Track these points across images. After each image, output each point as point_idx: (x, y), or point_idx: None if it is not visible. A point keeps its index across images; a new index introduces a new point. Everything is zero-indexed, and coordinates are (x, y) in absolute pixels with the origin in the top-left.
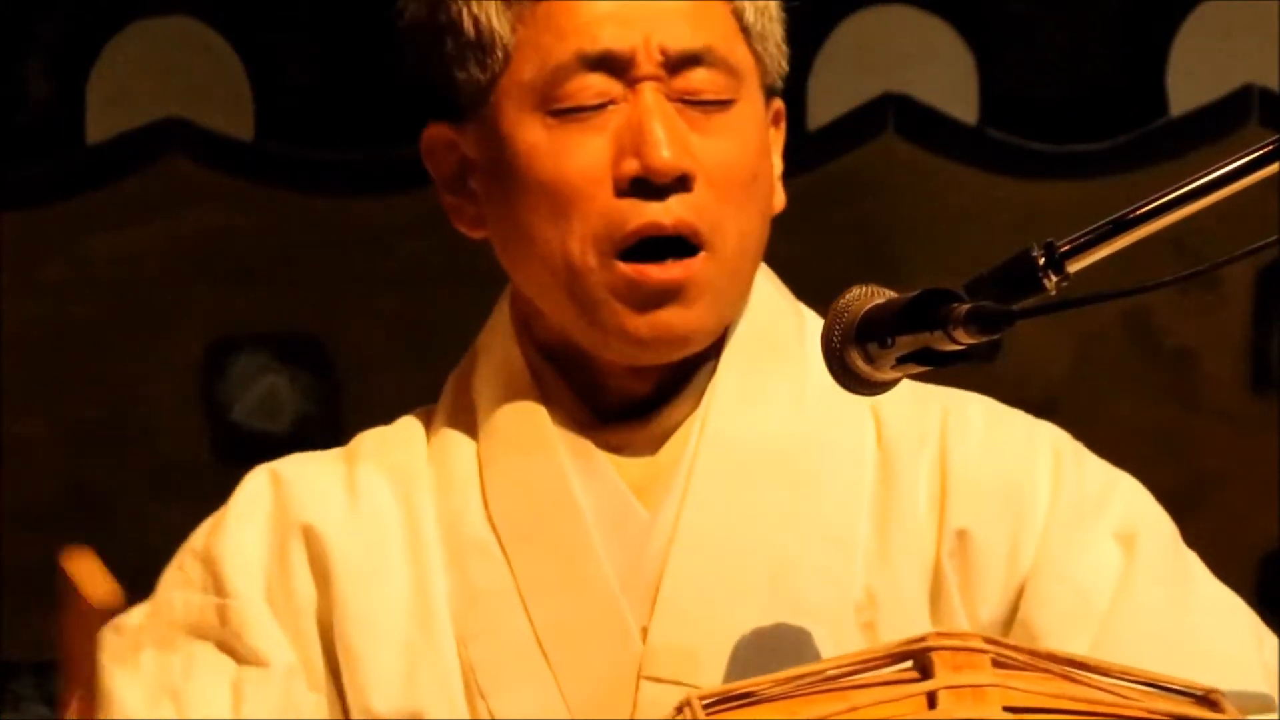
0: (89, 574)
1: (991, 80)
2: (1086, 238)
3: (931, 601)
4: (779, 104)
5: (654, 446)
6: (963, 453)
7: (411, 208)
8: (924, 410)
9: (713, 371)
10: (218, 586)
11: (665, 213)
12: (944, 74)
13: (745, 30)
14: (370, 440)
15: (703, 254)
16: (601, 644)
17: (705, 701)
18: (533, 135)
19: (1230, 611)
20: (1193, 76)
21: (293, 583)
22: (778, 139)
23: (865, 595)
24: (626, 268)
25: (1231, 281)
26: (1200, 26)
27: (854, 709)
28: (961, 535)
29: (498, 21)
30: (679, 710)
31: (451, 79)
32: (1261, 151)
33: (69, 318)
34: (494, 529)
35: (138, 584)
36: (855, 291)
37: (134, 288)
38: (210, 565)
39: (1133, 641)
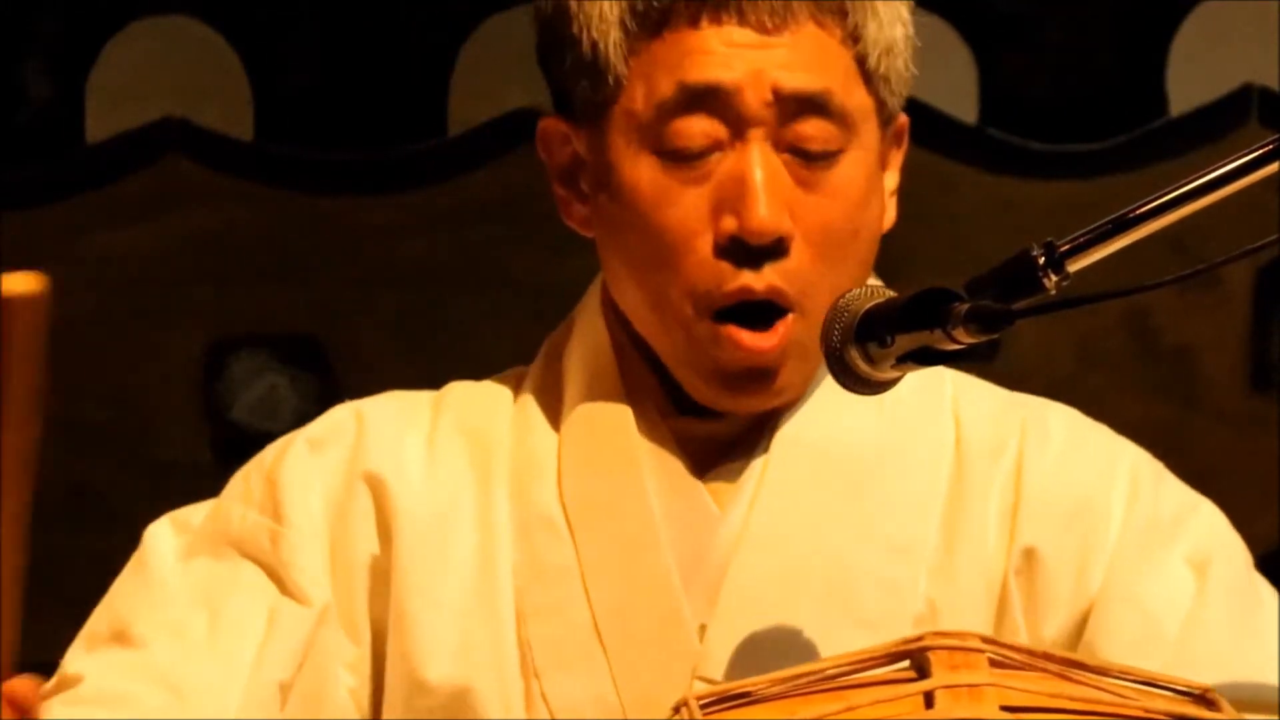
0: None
1: (991, 80)
2: (1086, 237)
3: (996, 618)
4: (903, 121)
5: (730, 443)
6: (1038, 468)
7: (412, 208)
8: (1005, 419)
9: (796, 394)
10: (275, 510)
11: (758, 279)
12: (944, 74)
13: (867, 75)
14: (459, 394)
15: (792, 316)
16: (658, 637)
17: (702, 701)
18: (638, 174)
19: None
20: (1192, 76)
21: (353, 532)
22: (897, 157)
23: (927, 607)
24: (720, 329)
25: (1231, 281)
26: (1200, 26)
27: (851, 708)
28: (1029, 553)
29: (613, 50)
30: (676, 710)
31: (569, 88)
32: (1261, 151)
33: (69, 318)
34: (564, 508)
35: None
36: (855, 291)
37: (134, 288)
38: (272, 488)
39: (1200, 670)
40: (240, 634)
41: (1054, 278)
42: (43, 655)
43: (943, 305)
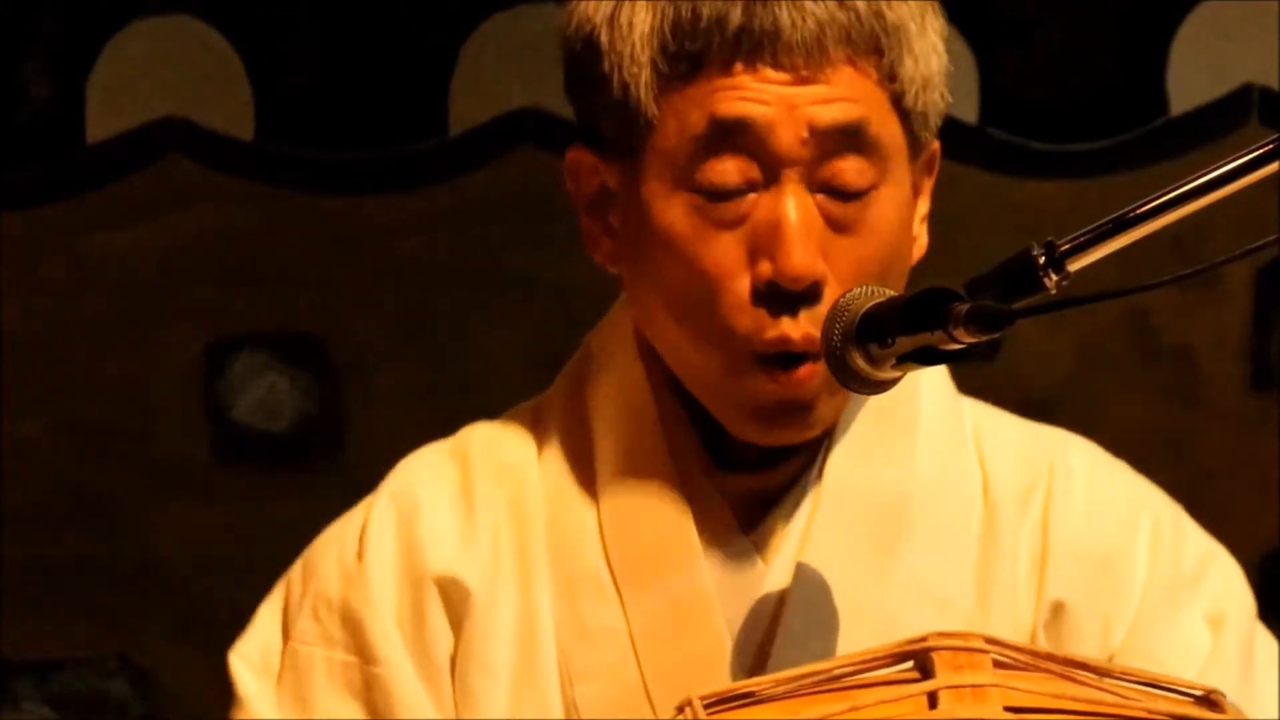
0: None
1: (991, 80)
2: (1086, 237)
3: None
4: (935, 147)
5: (770, 496)
6: (1064, 518)
7: (412, 207)
8: (1029, 462)
9: (828, 426)
10: (362, 650)
11: (794, 327)
12: None
13: (903, 112)
14: (480, 439)
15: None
16: None
17: (706, 701)
18: (672, 215)
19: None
20: (1193, 76)
21: (432, 639)
22: (928, 184)
23: None
24: (757, 373)
25: (1231, 281)
26: (1200, 26)
27: (855, 709)
28: (1058, 607)
29: (645, 93)
30: (680, 710)
31: (598, 122)
32: (1261, 151)
33: (69, 317)
34: (610, 567)
35: (138, 584)
36: (855, 291)
37: (134, 288)
38: (352, 625)
39: None
40: None
41: (1054, 277)
42: (44, 653)
43: (943, 305)
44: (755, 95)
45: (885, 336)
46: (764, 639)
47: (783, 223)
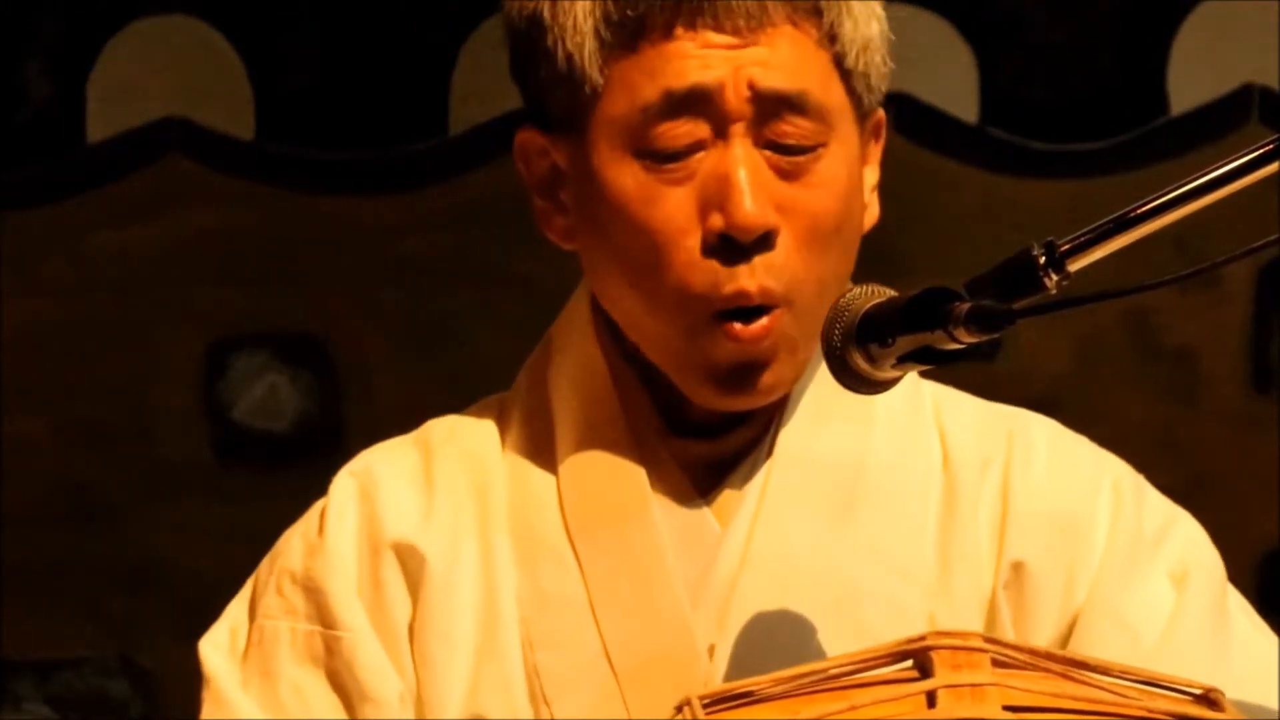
0: None
1: (991, 80)
2: (1087, 237)
3: (986, 631)
4: (880, 115)
5: (727, 463)
6: (1024, 483)
7: (412, 207)
8: (989, 434)
9: (787, 390)
10: (324, 617)
11: (750, 278)
12: (944, 74)
13: (845, 73)
14: (442, 428)
15: (780, 310)
16: (669, 660)
17: (705, 701)
18: (622, 179)
19: (1266, 658)
20: (1193, 76)
21: (390, 604)
22: (876, 151)
23: (928, 625)
24: (716, 326)
25: (1231, 281)
26: (1200, 26)
27: (854, 708)
28: (1017, 567)
29: (589, 61)
30: (679, 709)
31: (545, 100)
32: (1261, 151)
33: (69, 317)
34: (569, 535)
35: (138, 584)
36: (855, 290)
37: (134, 288)
38: (314, 595)
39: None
40: None
41: (1054, 277)
42: (44, 653)
43: (943, 305)
44: (702, 62)
45: (885, 336)
46: (723, 601)
47: (732, 175)
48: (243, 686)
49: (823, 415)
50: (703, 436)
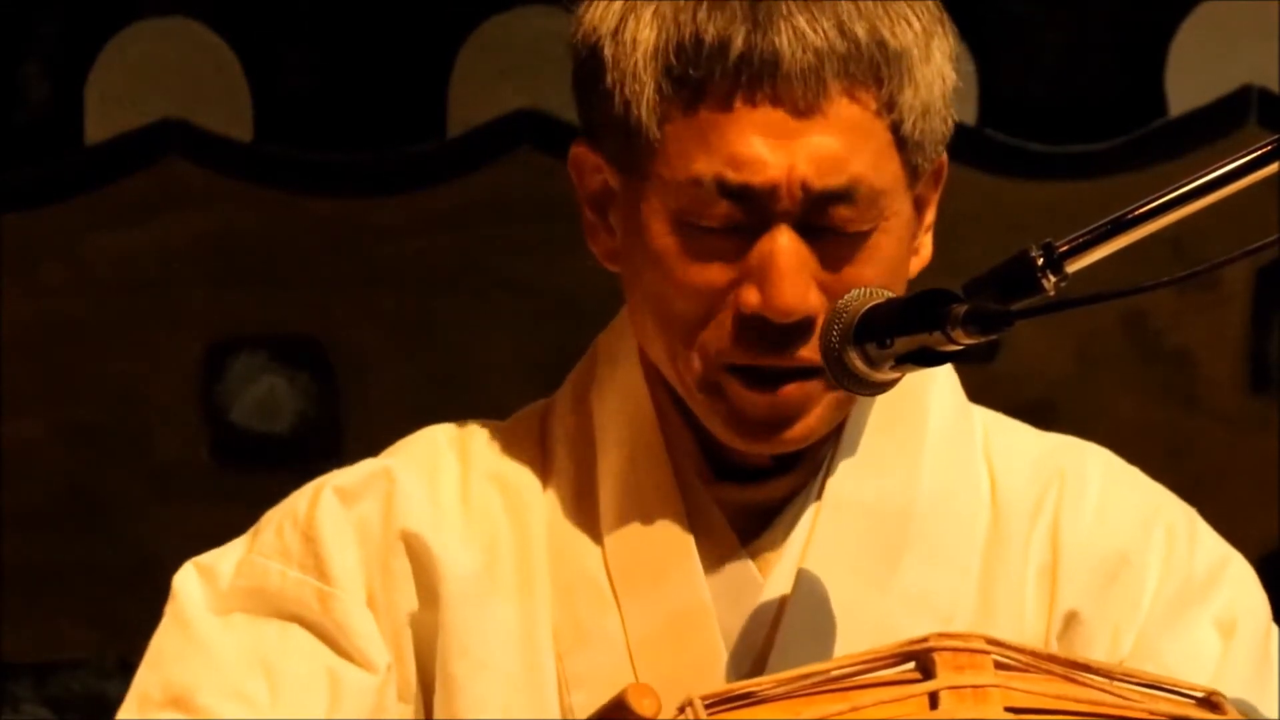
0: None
1: (991, 81)
2: (1085, 238)
3: None
4: (943, 160)
5: (772, 508)
6: (1075, 527)
7: (411, 208)
8: (1040, 472)
9: (834, 437)
10: (319, 570)
11: (784, 357)
12: None
13: (901, 142)
14: (483, 440)
15: (819, 379)
16: None
17: (707, 701)
18: (665, 236)
19: None
20: (1192, 77)
21: (395, 593)
22: (934, 196)
23: None
24: (735, 382)
25: (1230, 281)
26: (1200, 26)
27: (856, 709)
28: (1071, 617)
29: (647, 113)
30: (681, 710)
31: (601, 132)
32: (1261, 151)
33: (69, 318)
34: (609, 574)
35: (137, 584)
36: (854, 292)
37: (134, 288)
38: (312, 544)
39: None
40: (304, 703)
41: (1053, 278)
42: (43, 655)
43: (941, 306)
44: (758, 157)
45: (883, 337)
46: (761, 650)
47: (774, 260)
48: (212, 610)
49: (871, 461)
50: (748, 481)
